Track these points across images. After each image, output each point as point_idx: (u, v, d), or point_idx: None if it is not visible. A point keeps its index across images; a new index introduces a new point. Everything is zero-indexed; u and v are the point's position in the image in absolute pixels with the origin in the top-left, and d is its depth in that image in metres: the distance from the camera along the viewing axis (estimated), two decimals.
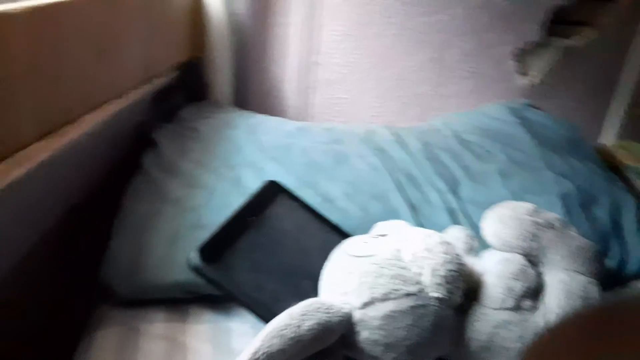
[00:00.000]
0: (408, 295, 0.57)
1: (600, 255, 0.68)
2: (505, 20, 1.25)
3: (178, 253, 0.69)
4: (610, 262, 0.75)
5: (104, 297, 0.69)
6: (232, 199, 0.77)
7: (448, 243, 0.65)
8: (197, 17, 1.12)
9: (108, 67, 0.73)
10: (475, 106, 1.31)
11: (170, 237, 0.72)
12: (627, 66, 1.23)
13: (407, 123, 1.30)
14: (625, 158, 1.01)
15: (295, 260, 0.70)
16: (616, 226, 0.79)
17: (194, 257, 0.63)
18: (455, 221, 0.78)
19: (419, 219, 0.78)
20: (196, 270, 0.63)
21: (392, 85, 1.34)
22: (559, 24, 1.25)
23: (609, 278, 0.68)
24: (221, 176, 0.84)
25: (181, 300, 0.70)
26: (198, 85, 1.15)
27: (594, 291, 0.63)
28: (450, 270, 0.59)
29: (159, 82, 0.98)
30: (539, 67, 1.31)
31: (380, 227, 0.72)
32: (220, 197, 0.79)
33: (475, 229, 0.75)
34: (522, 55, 1.30)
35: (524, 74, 1.31)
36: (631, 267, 0.75)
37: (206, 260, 0.63)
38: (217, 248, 0.65)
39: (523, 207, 0.72)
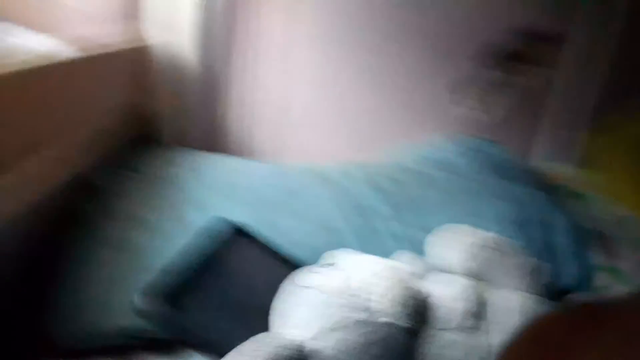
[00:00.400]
0: (358, 322, 0.58)
1: (537, 271, 0.71)
2: (442, 57, 1.32)
3: (121, 297, 0.66)
4: (548, 278, 0.78)
5: (44, 351, 0.65)
6: (180, 239, 0.75)
7: (395, 268, 0.67)
8: (140, 60, 1.12)
9: (50, 112, 0.72)
10: (415, 137, 1.36)
11: (112, 281, 0.70)
12: (552, 93, 1.32)
13: (350, 156, 1.34)
14: (557, 178, 1.08)
15: (246, 295, 0.69)
16: (550, 243, 0.83)
17: (139, 299, 0.61)
18: (401, 247, 0.80)
19: (367, 247, 0.79)
20: (142, 312, 0.61)
21: (334, 120, 1.38)
22: (497, 59, 1.33)
23: (547, 293, 0.71)
24: (164, 216, 0.83)
25: (127, 347, 0.67)
26: (142, 127, 1.14)
27: (533, 306, 0.65)
28: (398, 295, 0.61)
29: (99, 125, 0.97)
30: (478, 99, 1.39)
31: (328, 256, 0.73)
32: (165, 238, 0.78)
33: (420, 253, 0.77)
34: (462, 90, 1.37)
35: (464, 106, 1.39)
36: (566, 281, 0.79)
37: (152, 301, 0.62)
38: (163, 289, 0.64)
39: (464, 230, 0.75)
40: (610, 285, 0.79)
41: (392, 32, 1.29)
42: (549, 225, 0.85)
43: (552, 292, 0.75)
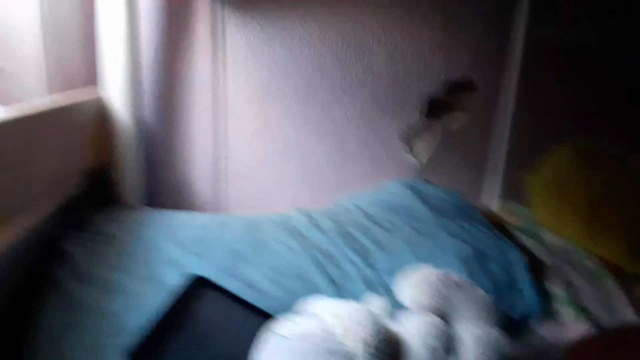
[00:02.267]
0: None
1: (500, 306, 0.76)
2: (391, 110, 1.42)
3: None
4: (511, 311, 0.84)
5: None
6: (153, 299, 0.76)
7: (368, 311, 0.70)
8: (104, 124, 1.14)
9: (20, 181, 0.73)
10: (375, 184, 1.43)
11: (91, 347, 0.69)
12: (494, 140, 1.43)
13: (317, 205, 1.39)
14: (508, 218, 1.15)
15: (225, 350, 0.70)
16: (511, 278, 0.89)
17: None
18: (373, 290, 0.84)
19: (340, 293, 0.83)
20: None
21: (300, 173, 1.44)
22: (434, 110, 1.44)
23: (510, 325, 0.76)
24: (139, 277, 0.84)
25: None
26: (108, 190, 1.15)
27: (502, 339, 0.70)
28: (381, 340, 0.64)
29: (68, 192, 0.98)
30: (421, 147, 1.48)
31: (303, 304, 0.75)
32: (141, 299, 0.78)
33: (390, 295, 0.81)
34: (408, 138, 1.46)
35: (411, 153, 1.48)
36: (530, 313, 0.84)
37: None
38: (145, 352, 0.65)
39: (431, 271, 0.79)
40: (566, 312, 0.84)
41: (344, 86, 1.38)
42: (508, 262, 0.91)
43: (517, 324, 0.80)
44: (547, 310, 0.84)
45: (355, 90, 1.40)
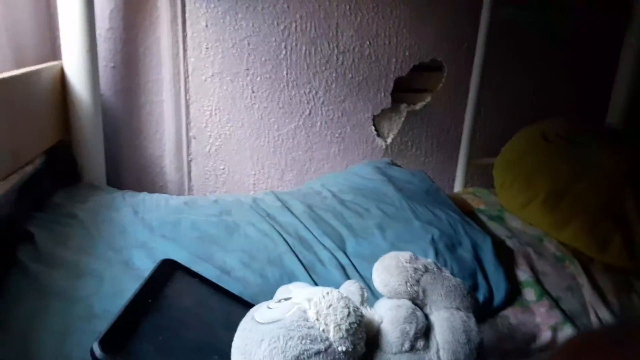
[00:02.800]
0: (318, 353, 0.60)
1: (471, 291, 0.78)
2: (359, 90, 1.42)
3: (72, 349, 0.64)
4: (479, 296, 0.86)
5: None
6: (124, 283, 0.74)
7: (346, 297, 0.70)
8: (63, 99, 1.08)
9: None
10: (344, 167, 1.44)
11: (60, 332, 0.67)
12: (464, 125, 1.45)
13: (285, 187, 1.38)
14: (475, 203, 1.18)
15: (201, 337, 0.69)
16: (479, 263, 0.92)
17: (96, 349, 0.59)
18: (347, 276, 0.84)
19: (314, 278, 0.83)
20: None
21: (267, 153, 1.42)
22: (402, 91, 1.45)
23: (480, 310, 0.79)
24: (109, 261, 0.81)
25: None
26: (69, 169, 1.10)
27: (472, 324, 0.72)
28: (352, 323, 0.64)
29: (26, 170, 0.93)
30: (391, 129, 1.49)
31: (282, 290, 0.75)
32: (111, 283, 0.76)
33: (365, 280, 0.82)
34: (377, 120, 1.47)
35: (380, 135, 1.48)
36: (497, 298, 0.87)
37: (108, 351, 0.60)
38: (118, 337, 0.63)
39: (403, 256, 0.80)
40: (530, 295, 0.88)
41: (310, 62, 1.37)
42: (477, 247, 0.94)
43: (486, 309, 0.83)
44: (514, 295, 0.88)
45: (320, 67, 1.39)
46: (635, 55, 1.45)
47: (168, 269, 0.75)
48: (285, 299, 0.69)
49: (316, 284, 0.82)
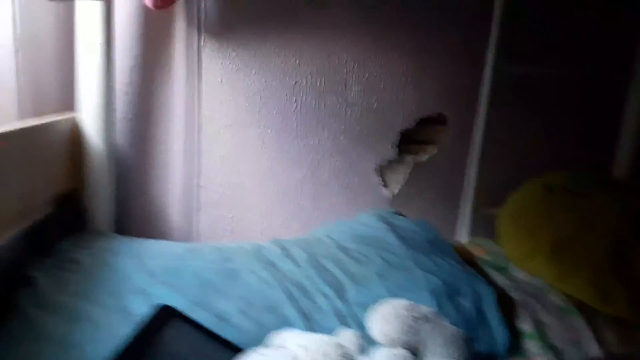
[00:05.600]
0: None
1: (470, 341, 0.77)
2: (365, 142, 1.45)
3: None
4: (480, 347, 0.84)
5: None
6: (120, 329, 0.74)
7: (342, 346, 0.70)
8: (75, 149, 1.13)
9: None
10: (349, 216, 1.44)
11: None
12: (467, 176, 1.46)
13: (292, 236, 1.38)
14: (478, 252, 1.17)
15: None
16: (480, 314, 0.90)
17: None
18: (345, 324, 0.83)
19: (312, 326, 0.82)
20: None
21: (273, 202, 1.43)
22: (407, 143, 1.48)
23: None
24: (106, 307, 0.81)
25: None
26: (76, 217, 1.13)
27: None
28: None
29: (35, 217, 0.95)
30: (394, 178, 1.50)
31: (274, 337, 0.74)
32: (107, 329, 0.76)
33: (362, 328, 0.81)
34: (382, 170, 1.49)
35: (385, 185, 1.50)
36: (498, 349, 0.85)
37: None
38: None
39: (401, 304, 0.80)
40: (533, 347, 0.86)
41: (319, 116, 1.41)
42: (479, 297, 0.92)
43: (481, 357, 0.81)
44: (515, 346, 0.85)
45: (328, 119, 1.42)
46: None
47: (164, 315, 0.75)
48: (278, 347, 0.69)
49: (313, 332, 0.81)
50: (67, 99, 1.16)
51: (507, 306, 0.94)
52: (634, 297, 0.90)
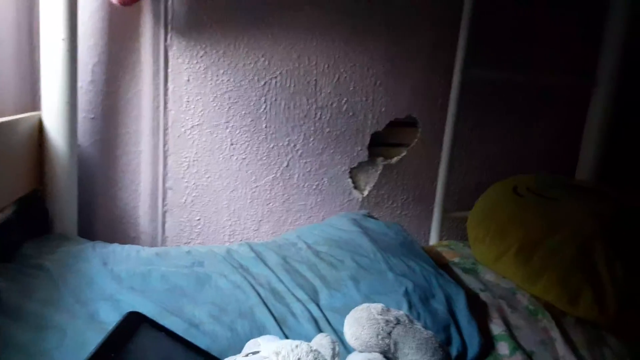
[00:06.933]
0: None
1: (443, 344, 0.77)
2: (336, 144, 1.45)
3: None
4: (453, 349, 0.85)
5: None
6: (88, 337, 0.72)
7: (316, 351, 0.69)
8: (39, 150, 1.08)
9: None
10: (322, 218, 1.44)
11: None
12: (438, 179, 1.48)
13: (262, 239, 1.37)
14: (449, 255, 1.19)
15: None
16: (452, 317, 0.91)
17: None
18: (319, 328, 0.83)
19: (286, 331, 0.81)
20: None
21: (244, 204, 1.42)
22: (378, 145, 1.49)
23: None
24: (73, 314, 0.78)
25: None
26: (40, 219, 1.08)
27: None
28: None
29: None
30: (367, 182, 1.51)
31: (250, 344, 0.73)
32: (74, 337, 0.74)
33: (337, 333, 0.81)
34: (353, 172, 1.49)
35: (356, 187, 1.50)
36: (471, 352, 0.86)
37: None
38: None
39: (375, 308, 0.80)
40: (503, 349, 0.87)
41: (289, 116, 1.40)
42: (450, 300, 0.93)
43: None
44: (487, 348, 0.87)
45: (299, 121, 1.42)
46: (602, 113, 1.51)
47: (133, 322, 0.73)
48: (253, 353, 0.68)
49: (287, 337, 0.80)
50: (33, 98, 1.12)
51: (478, 308, 0.95)
52: (600, 299, 0.93)
